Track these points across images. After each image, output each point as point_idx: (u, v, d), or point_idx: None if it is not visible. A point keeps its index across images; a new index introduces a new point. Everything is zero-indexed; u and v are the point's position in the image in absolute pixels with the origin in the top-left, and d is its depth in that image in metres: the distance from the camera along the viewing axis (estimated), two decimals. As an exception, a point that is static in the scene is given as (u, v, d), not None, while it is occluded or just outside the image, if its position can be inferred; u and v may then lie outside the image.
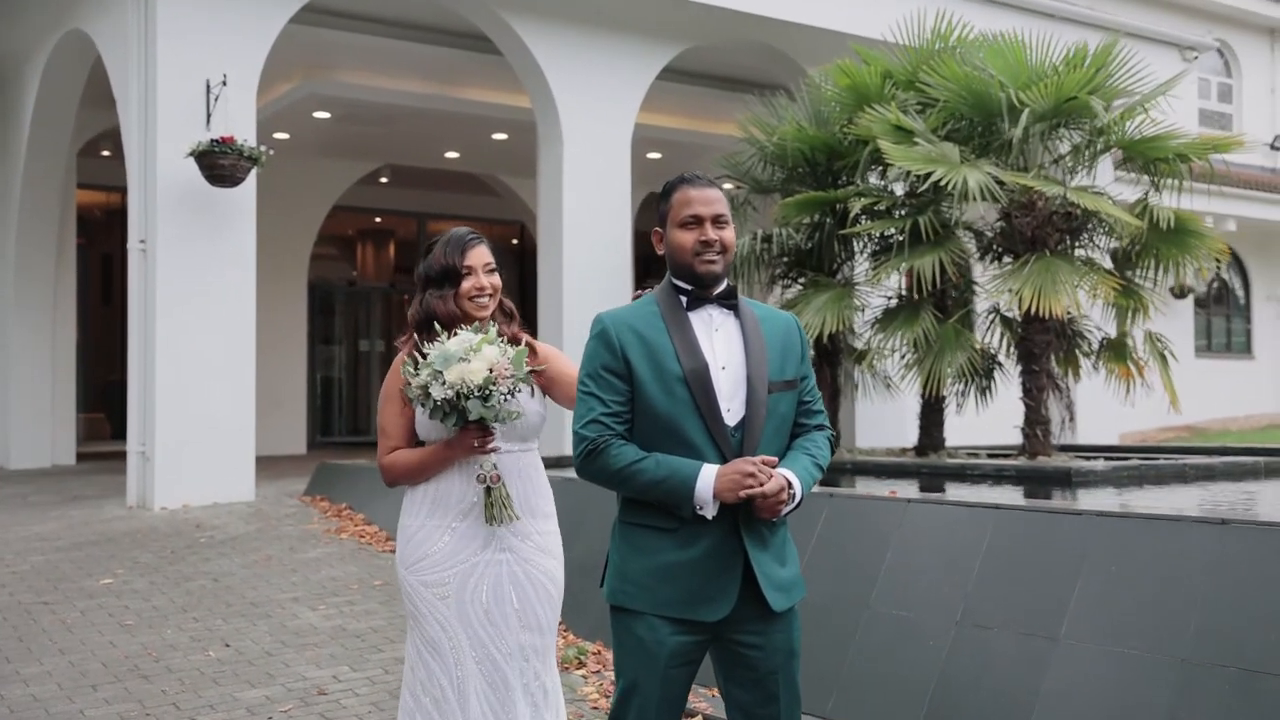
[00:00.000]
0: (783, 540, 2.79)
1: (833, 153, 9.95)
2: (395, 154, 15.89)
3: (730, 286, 2.80)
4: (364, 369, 18.72)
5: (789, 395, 2.76)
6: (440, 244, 3.24)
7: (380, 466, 3.24)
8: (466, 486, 3.15)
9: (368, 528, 8.42)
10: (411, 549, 3.19)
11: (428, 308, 3.20)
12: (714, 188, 2.81)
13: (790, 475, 2.66)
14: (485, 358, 2.94)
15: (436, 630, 3.12)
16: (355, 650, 5.78)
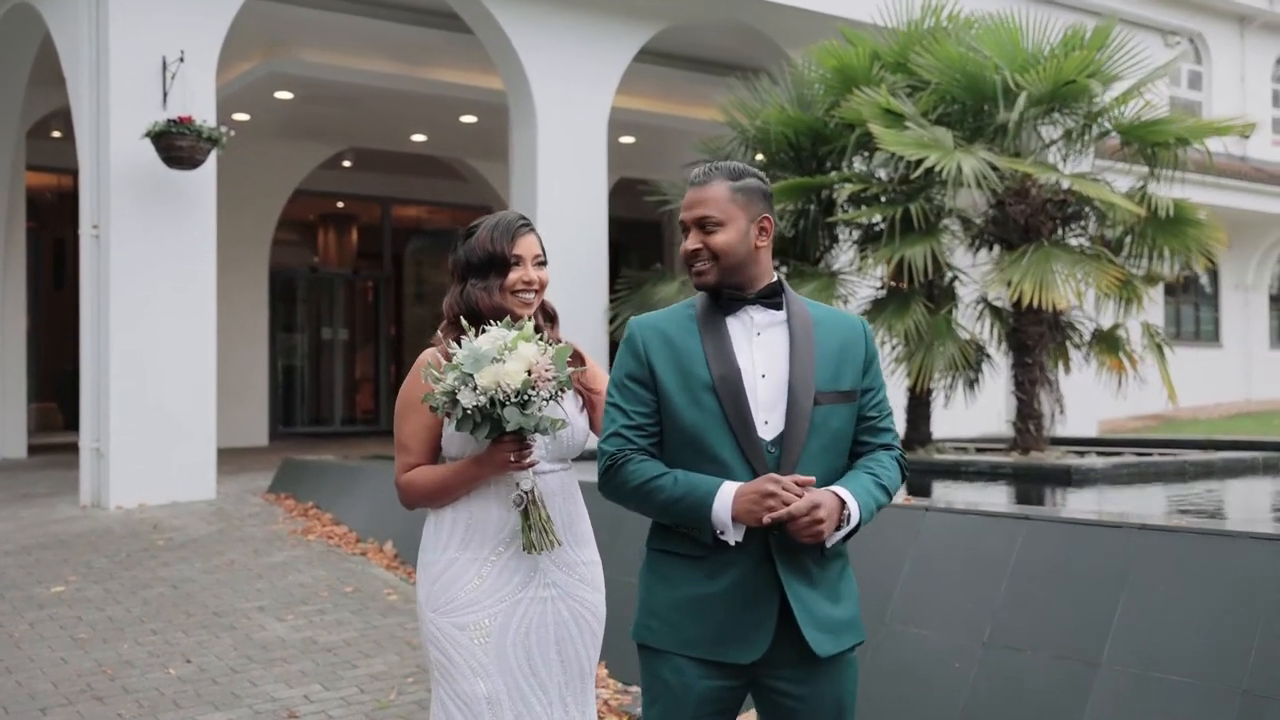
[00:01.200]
0: (838, 573, 2.44)
1: (817, 137, 9.64)
2: (359, 136, 15.43)
3: (773, 284, 2.46)
4: (327, 358, 18.30)
5: (844, 409, 2.42)
6: (486, 228, 2.81)
7: (398, 486, 2.79)
8: (507, 511, 2.72)
9: (336, 528, 8.03)
10: (441, 588, 2.71)
11: (470, 299, 2.78)
12: (705, 185, 2.44)
13: (845, 494, 2.32)
14: (522, 357, 2.51)
15: (473, 683, 2.66)
16: (327, 666, 5.41)
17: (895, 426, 2.51)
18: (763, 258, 2.45)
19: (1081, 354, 9.22)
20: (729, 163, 2.51)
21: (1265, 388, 22.20)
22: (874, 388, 2.48)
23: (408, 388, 2.76)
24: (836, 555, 2.43)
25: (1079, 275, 7.86)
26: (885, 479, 2.42)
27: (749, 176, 2.46)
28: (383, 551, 7.37)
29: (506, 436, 2.58)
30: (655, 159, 15.37)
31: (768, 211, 2.46)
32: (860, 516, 2.33)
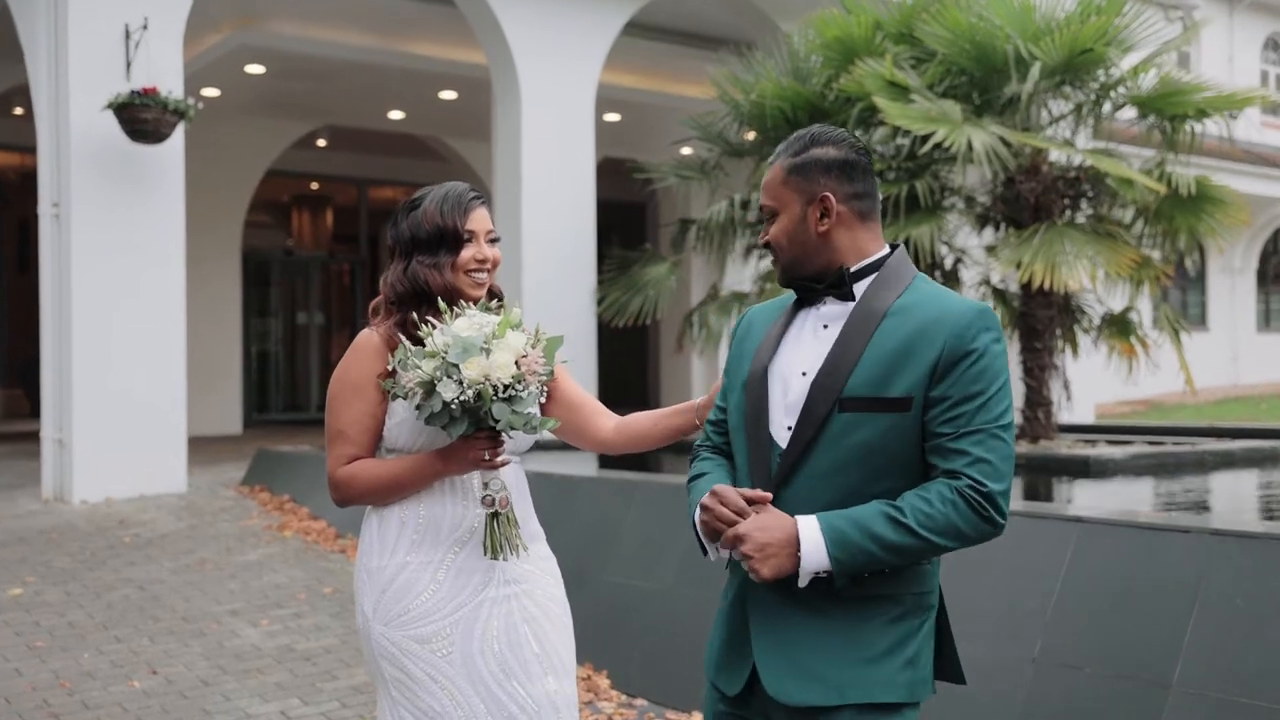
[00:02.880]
0: (869, 618, 1.97)
1: (815, 111, 9.24)
2: (335, 114, 14.95)
3: (841, 272, 2.05)
4: (302, 342, 17.88)
5: (881, 420, 1.95)
6: (433, 200, 2.52)
7: (333, 482, 2.47)
8: (460, 507, 2.45)
9: (313, 523, 7.62)
10: (391, 599, 2.43)
11: (417, 278, 2.49)
12: (770, 166, 2.12)
13: (806, 526, 1.91)
14: (510, 347, 2.26)
15: (440, 699, 2.39)
16: (306, 677, 5.00)
17: (991, 451, 1.88)
18: (835, 241, 2.05)
19: (1091, 338, 8.88)
20: (806, 131, 2.11)
21: (1252, 371, 22.02)
22: (950, 397, 1.92)
23: (347, 370, 2.49)
24: (878, 598, 1.97)
25: (1092, 256, 7.49)
26: (909, 516, 1.89)
27: (815, 147, 2.06)
28: (363, 549, 6.95)
29: (481, 432, 2.33)
30: (641, 137, 14.96)
31: (834, 186, 2.04)
32: (825, 560, 1.89)
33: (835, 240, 2.05)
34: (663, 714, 4.53)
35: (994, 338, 1.95)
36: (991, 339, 1.94)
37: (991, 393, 1.91)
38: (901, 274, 2.05)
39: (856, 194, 2.05)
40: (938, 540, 1.89)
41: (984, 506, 1.88)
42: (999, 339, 1.98)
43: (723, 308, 9.89)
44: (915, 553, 1.91)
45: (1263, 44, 22.90)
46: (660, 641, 4.84)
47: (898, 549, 1.89)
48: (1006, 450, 1.90)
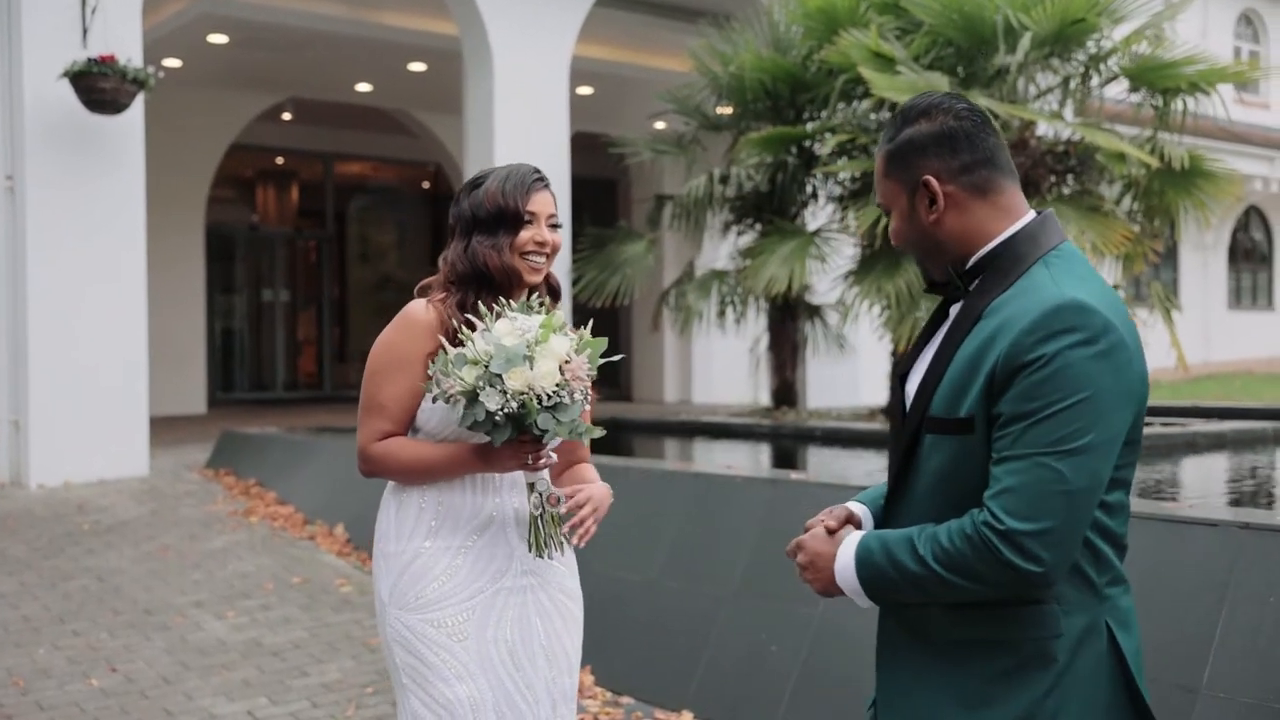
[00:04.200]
0: (954, 662, 1.73)
1: (797, 84, 9.03)
2: (300, 86, 14.57)
3: (977, 263, 1.76)
4: (267, 320, 17.56)
5: (951, 443, 1.70)
6: (497, 179, 2.49)
7: (365, 455, 2.43)
8: (480, 496, 2.44)
9: (281, 508, 7.35)
10: (409, 582, 2.41)
11: (477, 257, 2.44)
12: (875, 159, 1.87)
13: (849, 545, 1.75)
14: (554, 353, 2.21)
15: (455, 687, 2.37)
16: (274, 674, 4.76)
17: (1024, 479, 1.59)
18: (950, 229, 1.76)
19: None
20: (901, 108, 1.83)
21: (1224, 350, 22.06)
22: (1002, 414, 1.63)
23: (394, 343, 2.44)
24: (979, 643, 1.71)
25: (1085, 232, 7.31)
26: (922, 546, 1.67)
27: (908, 125, 1.79)
28: (333, 535, 6.72)
29: (525, 436, 2.28)
30: (614, 112, 14.68)
31: (935, 165, 1.75)
32: (854, 581, 1.73)
33: (950, 227, 1.76)
34: (651, 713, 4.33)
35: (1069, 343, 1.59)
36: (1065, 344, 1.59)
37: (1049, 411, 1.58)
38: (1019, 258, 1.72)
39: (965, 166, 1.74)
40: (950, 578, 1.63)
41: (996, 546, 1.59)
42: (1082, 342, 1.59)
43: (702, 286, 9.68)
44: (935, 586, 1.66)
45: (1235, 20, 22.84)
46: (647, 636, 4.64)
47: (915, 581, 1.67)
48: (1051, 481, 1.57)
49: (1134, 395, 1.66)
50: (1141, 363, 1.69)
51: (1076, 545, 1.62)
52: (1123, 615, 1.75)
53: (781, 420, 9.04)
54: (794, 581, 4.30)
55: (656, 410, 13.59)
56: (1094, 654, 1.69)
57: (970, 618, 1.70)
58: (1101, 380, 1.60)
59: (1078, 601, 1.68)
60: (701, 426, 9.63)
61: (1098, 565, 1.71)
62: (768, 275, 8.25)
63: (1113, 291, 1.72)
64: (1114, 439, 1.63)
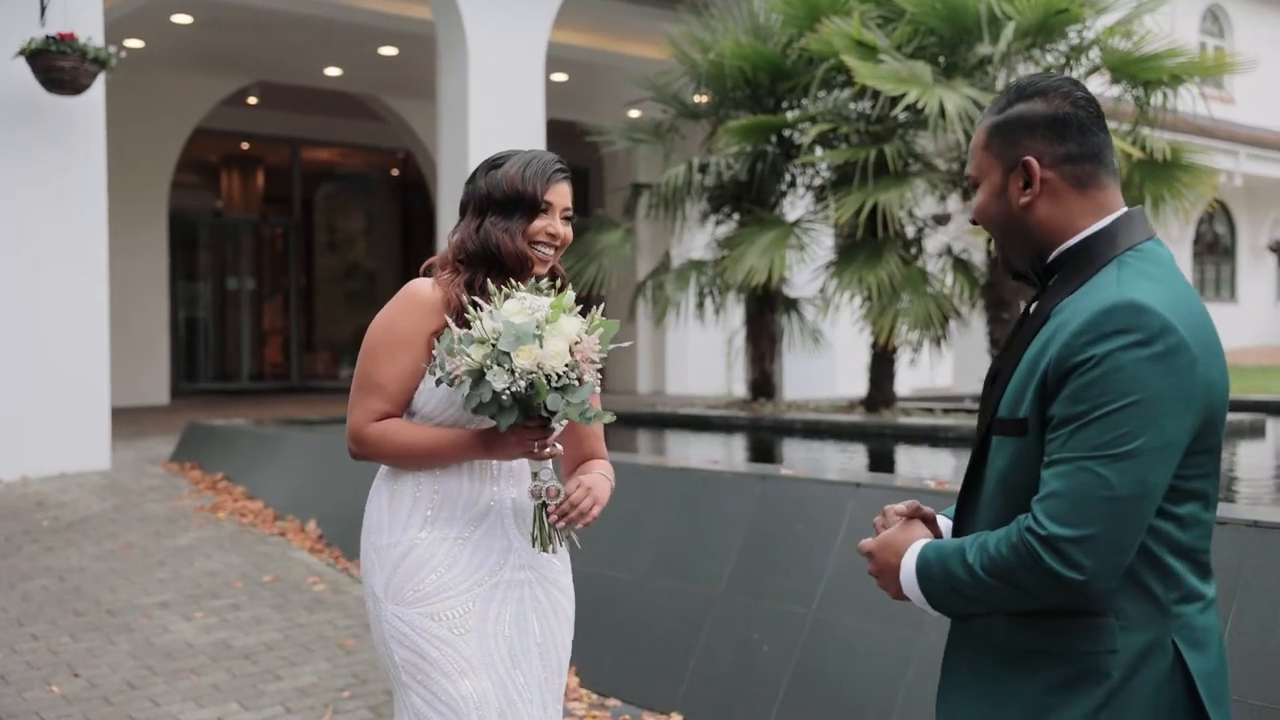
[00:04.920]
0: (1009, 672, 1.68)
1: (777, 72, 8.90)
2: (267, 69, 14.28)
3: (1056, 259, 1.69)
4: (232, 308, 17.30)
5: (1011, 445, 1.65)
6: (518, 163, 2.41)
7: (359, 437, 2.33)
8: (477, 484, 2.35)
9: (249, 504, 7.15)
10: (404, 576, 2.32)
11: (489, 239, 2.36)
12: (977, 128, 1.79)
13: (912, 553, 1.73)
14: (564, 333, 2.13)
15: (459, 683, 2.28)
16: (246, 678, 4.58)
17: (1068, 484, 1.54)
18: (1039, 216, 1.69)
19: (1056, 309, 8.66)
20: (1015, 82, 1.75)
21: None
22: (1053, 418, 1.59)
23: (395, 320, 2.35)
24: (1031, 653, 1.65)
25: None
26: (971, 552, 1.63)
27: (1021, 101, 1.71)
28: (305, 532, 6.53)
29: (531, 421, 2.20)
30: (588, 99, 14.51)
31: (1040, 147, 1.68)
32: (916, 589, 1.70)
33: (1040, 214, 1.69)
34: (639, 715, 4.20)
35: (1122, 344, 1.53)
36: (1116, 346, 1.53)
37: (1097, 414, 1.53)
38: (1093, 257, 1.65)
39: (1070, 155, 1.67)
40: (997, 586, 1.60)
41: (1038, 552, 1.54)
42: (1135, 344, 1.53)
43: (680, 276, 9.53)
44: (984, 595, 1.62)
45: (1202, 15, 22.95)
46: (634, 636, 4.50)
47: (966, 591, 1.64)
48: (1095, 487, 1.52)
49: (1196, 401, 1.57)
50: (1212, 368, 1.61)
51: (1123, 554, 1.55)
52: (1196, 635, 1.64)
53: (760, 412, 8.93)
54: (785, 579, 4.20)
55: (630, 401, 13.45)
56: (1156, 673, 1.61)
57: (1027, 627, 1.65)
58: (1154, 383, 1.53)
59: (1139, 617, 1.61)
60: (680, 419, 9.51)
61: (1165, 581, 1.62)
62: (747, 266, 8.12)
63: (1189, 294, 1.64)
64: (1168, 446, 1.55)
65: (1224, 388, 1.64)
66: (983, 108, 7.44)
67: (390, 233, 19.41)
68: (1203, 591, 1.66)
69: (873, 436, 7.76)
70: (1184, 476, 1.60)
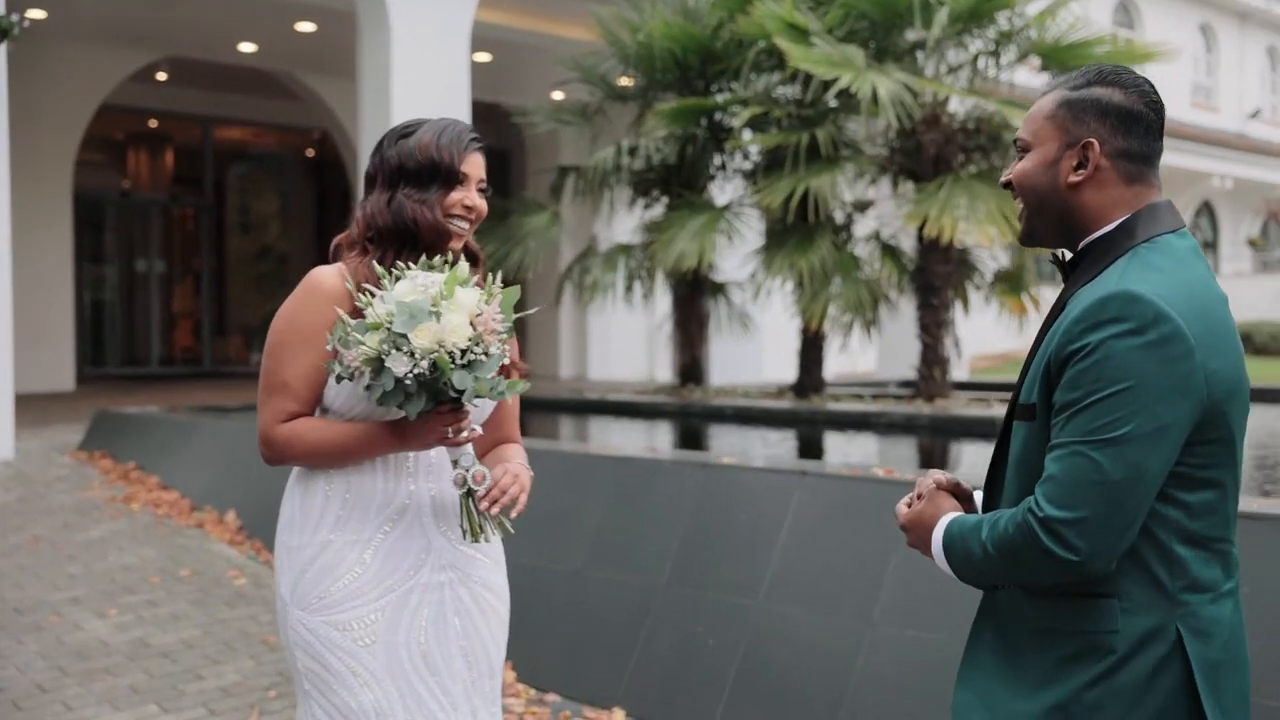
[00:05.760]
0: (1019, 645, 1.75)
1: (707, 54, 8.82)
2: (178, 44, 13.84)
3: (1085, 248, 1.75)
4: (141, 291, 16.80)
5: (1024, 429, 1.74)
6: (431, 131, 2.26)
7: (268, 440, 2.22)
8: (392, 482, 2.22)
9: (164, 494, 6.89)
10: (312, 580, 2.20)
11: (403, 212, 2.21)
12: (1041, 98, 1.81)
13: (942, 525, 1.80)
14: (462, 306, 2.00)
15: (359, 695, 2.18)
16: (165, 678, 4.38)
17: (1064, 468, 1.60)
18: (1083, 199, 1.73)
19: (982, 295, 8.73)
20: (1095, 66, 1.78)
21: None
22: (1054, 404, 1.65)
23: (299, 314, 2.21)
24: (1041, 630, 1.71)
25: (1005, 211, 7.26)
26: (985, 528, 1.70)
27: (1099, 85, 1.74)
28: (224, 523, 6.30)
29: (443, 406, 2.08)
30: (511, 80, 14.30)
31: (1104, 134, 1.71)
32: (944, 561, 1.78)
33: (1084, 198, 1.73)
34: (579, 711, 4.08)
35: (1114, 332, 1.59)
36: (1109, 334, 1.59)
37: (1089, 400, 1.59)
38: (1111, 249, 1.71)
39: (1129, 152, 1.71)
40: (1004, 563, 1.67)
41: (1036, 533, 1.60)
42: (1127, 333, 1.58)
43: (609, 260, 9.41)
44: (995, 571, 1.71)
45: (1113, 7, 23.43)
46: (573, 630, 4.39)
47: (980, 566, 1.72)
48: (1087, 471, 1.58)
49: (1193, 389, 1.60)
50: (1214, 358, 1.63)
51: (1117, 537, 1.60)
52: (1202, 624, 1.67)
53: (689, 398, 8.86)
54: (730, 570, 4.12)
55: (552, 387, 13.32)
56: (1154, 657, 1.65)
57: (1041, 605, 1.71)
58: (1146, 371, 1.58)
59: (1143, 601, 1.66)
60: (609, 405, 9.39)
61: (1171, 568, 1.65)
62: (678, 250, 8.04)
63: (1196, 285, 1.66)
64: (1162, 431, 1.58)
65: (1231, 378, 1.65)
66: (915, 93, 7.48)
67: (305, 214, 18.99)
68: (1214, 582, 1.68)
69: (804, 422, 7.73)
70: (1193, 465, 1.63)
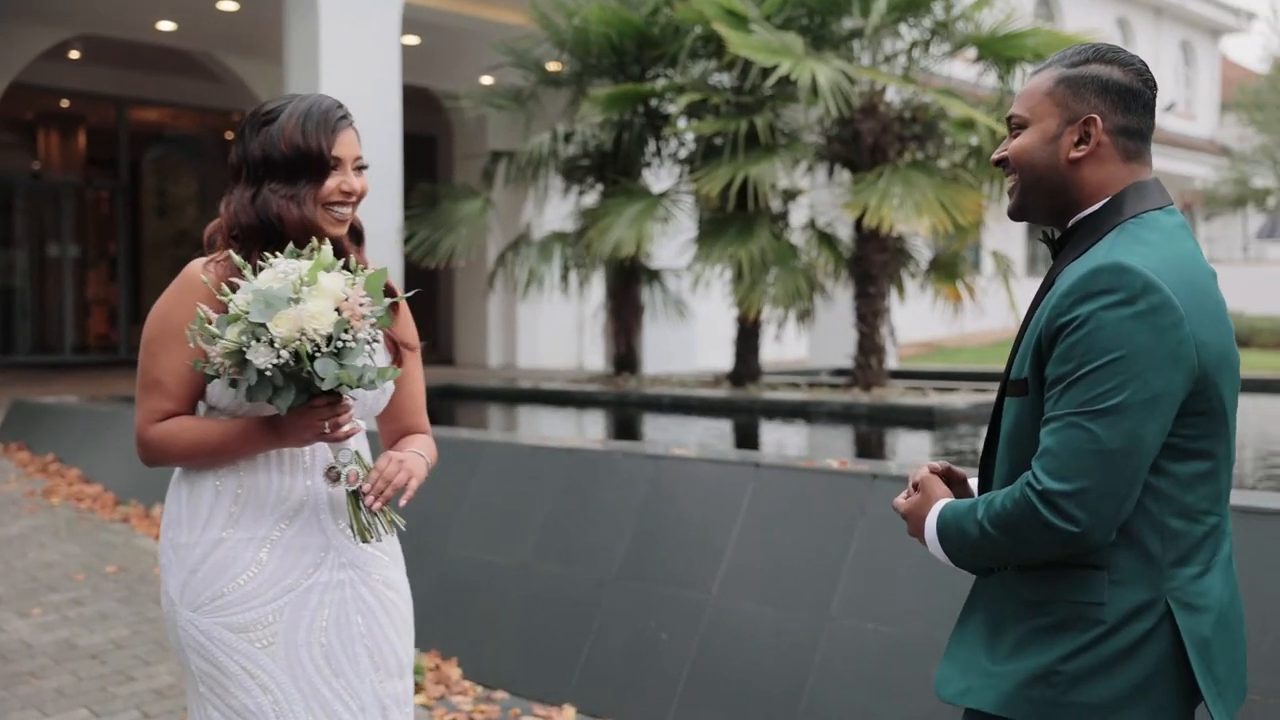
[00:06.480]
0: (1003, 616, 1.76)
1: (643, 40, 8.75)
2: (92, 21, 13.39)
3: (1074, 225, 1.77)
4: (53, 276, 16.31)
5: (1015, 404, 1.76)
6: (293, 116, 2.11)
7: (143, 440, 2.12)
8: (288, 477, 2.13)
9: (86, 487, 6.67)
10: (204, 579, 2.09)
11: (268, 209, 2.10)
12: (1036, 74, 1.82)
13: (934, 511, 1.81)
14: (326, 291, 1.90)
15: (256, 697, 2.09)
16: (94, 680, 4.21)
17: (1060, 440, 1.61)
18: (1083, 176, 1.74)
19: (917, 283, 8.79)
20: (1092, 45, 1.79)
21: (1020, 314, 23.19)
22: (1047, 378, 1.67)
23: (170, 310, 2.11)
24: (1026, 602, 1.72)
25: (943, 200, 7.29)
26: (980, 508, 1.71)
27: (1098, 62, 1.75)
28: (150, 517, 6.11)
29: (318, 399, 1.99)
30: (440, 64, 14.08)
31: (1105, 110, 1.73)
32: (938, 546, 1.78)
33: (1083, 174, 1.74)
34: (529, 708, 4.01)
35: (1104, 303, 1.60)
36: (1099, 305, 1.61)
37: (1083, 371, 1.61)
38: (1098, 226, 1.73)
39: (1128, 129, 1.74)
40: (1002, 540, 1.67)
41: (1036, 507, 1.61)
42: (1117, 303, 1.60)
43: (544, 248, 9.29)
44: (992, 550, 1.70)
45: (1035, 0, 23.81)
46: (521, 624, 4.31)
47: (976, 547, 1.72)
48: (1083, 441, 1.59)
49: (1185, 359, 1.62)
50: (1204, 329, 1.65)
51: (1117, 506, 1.61)
52: (1194, 597, 1.68)
53: (624, 387, 8.80)
54: (683, 564, 4.06)
55: (482, 375, 13.17)
56: (1141, 629, 1.66)
57: (1030, 578, 1.72)
58: (1137, 340, 1.60)
59: (1132, 573, 1.66)
60: (544, 394, 9.29)
61: (1163, 541, 1.66)
62: (615, 237, 7.96)
63: (1184, 257, 1.68)
64: (1155, 400, 1.60)
65: (1220, 349, 1.67)
66: (853, 81, 7.47)
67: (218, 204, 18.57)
68: (1205, 555, 1.69)
69: (743, 412, 7.71)
70: (1184, 436, 1.65)
